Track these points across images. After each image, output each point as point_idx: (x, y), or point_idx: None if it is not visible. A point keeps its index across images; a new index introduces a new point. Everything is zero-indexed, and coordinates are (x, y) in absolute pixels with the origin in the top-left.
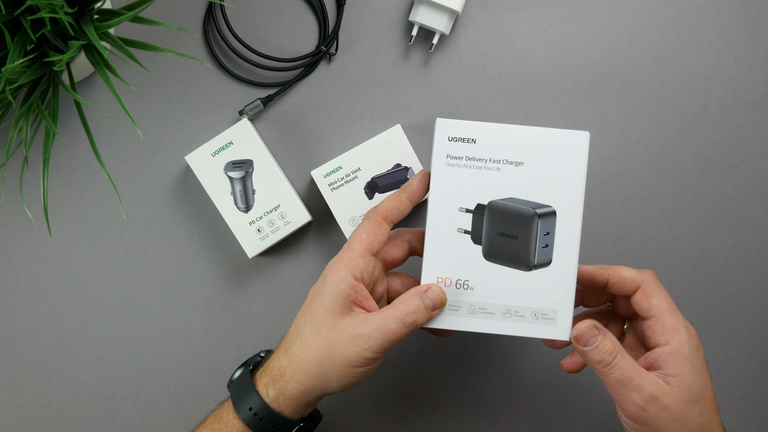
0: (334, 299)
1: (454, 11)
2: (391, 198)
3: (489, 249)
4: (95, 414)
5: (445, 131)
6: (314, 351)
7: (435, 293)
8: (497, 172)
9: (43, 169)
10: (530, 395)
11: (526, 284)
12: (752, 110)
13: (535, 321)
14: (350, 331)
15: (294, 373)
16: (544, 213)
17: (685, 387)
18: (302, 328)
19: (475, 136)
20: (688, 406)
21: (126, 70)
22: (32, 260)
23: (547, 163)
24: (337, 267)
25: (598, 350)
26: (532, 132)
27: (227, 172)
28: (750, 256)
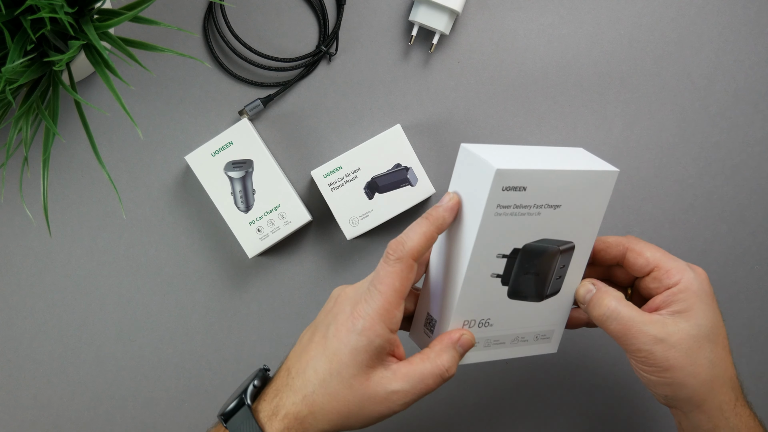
0: (368, 355)
1: (454, 11)
2: (420, 234)
3: (514, 288)
4: (95, 414)
5: (501, 181)
6: (343, 405)
7: (467, 341)
8: (537, 216)
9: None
10: (530, 395)
11: (534, 313)
12: (752, 110)
13: (535, 342)
14: (385, 387)
15: (316, 423)
16: (565, 249)
17: (694, 323)
18: (328, 378)
19: (527, 184)
20: (698, 342)
21: (126, 70)
22: (32, 260)
23: (579, 202)
24: (371, 318)
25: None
26: (573, 175)
27: (227, 172)
28: (750, 256)
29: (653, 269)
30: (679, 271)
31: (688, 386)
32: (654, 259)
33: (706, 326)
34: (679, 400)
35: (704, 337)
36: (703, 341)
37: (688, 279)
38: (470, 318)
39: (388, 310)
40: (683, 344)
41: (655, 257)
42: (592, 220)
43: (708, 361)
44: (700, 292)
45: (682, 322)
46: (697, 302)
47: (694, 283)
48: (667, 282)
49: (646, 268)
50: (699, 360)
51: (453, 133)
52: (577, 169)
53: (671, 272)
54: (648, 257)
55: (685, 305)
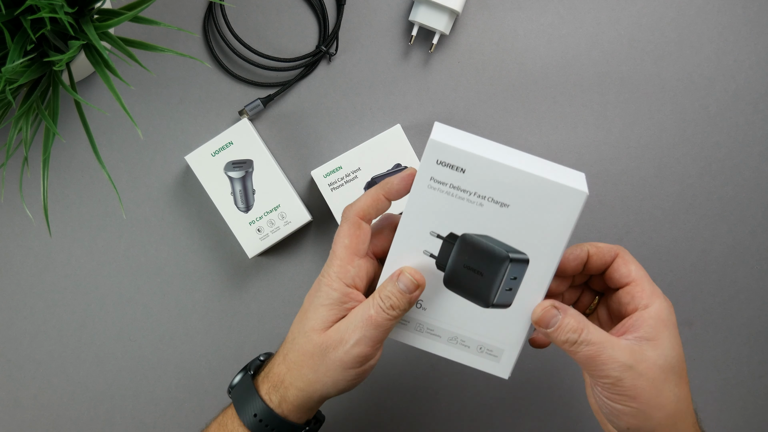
0: (327, 308)
1: (454, 11)
2: (368, 195)
3: (451, 277)
4: (95, 414)
5: (434, 153)
6: (308, 357)
7: (406, 278)
8: (479, 207)
9: (43, 169)
10: (530, 395)
11: (478, 318)
12: (752, 110)
13: (479, 354)
14: (337, 329)
15: (292, 379)
16: (516, 258)
17: (662, 353)
18: (297, 335)
19: (466, 166)
20: (664, 374)
21: (126, 70)
22: (32, 260)
23: (535, 212)
24: (329, 276)
25: (561, 330)
26: (528, 177)
27: (227, 172)
28: (750, 256)
29: (631, 282)
30: (653, 294)
31: (653, 418)
32: (636, 274)
33: (672, 357)
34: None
35: (670, 369)
36: (669, 373)
37: (660, 306)
38: None
39: (341, 266)
40: (651, 373)
41: (638, 273)
42: (553, 238)
43: (673, 394)
44: (668, 322)
45: (649, 350)
46: (664, 331)
47: (664, 311)
48: (640, 300)
49: (627, 278)
50: (665, 392)
51: None
52: (527, 171)
53: (645, 293)
54: (632, 269)
55: (654, 333)
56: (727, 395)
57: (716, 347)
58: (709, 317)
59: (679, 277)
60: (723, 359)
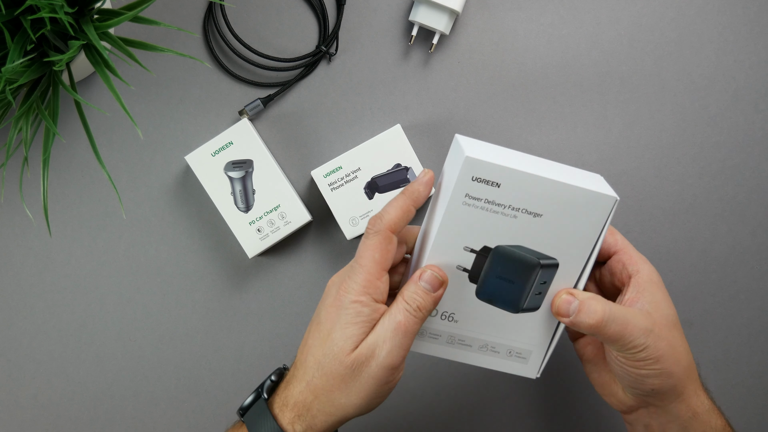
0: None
1: (454, 11)
2: (396, 207)
3: (483, 289)
4: (95, 414)
5: (470, 170)
6: (339, 381)
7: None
8: (513, 219)
9: (43, 169)
10: (530, 395)
11: (507, 324)
12: (752, 110)
13: (507, 358)
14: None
15: (321, 406)
16: (546, 264)
17: (663, 313)
18: (323, 359)
19: (501, 180)
20: (671, 331)
21: (126, 70)
22: (32, 260)
23: (567, 219)
24: (355, 291)
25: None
26: (561, 187)
27: (227, 172)
28: (750, 256)
29: (618, 251)
30: (640, 260)
31: (674, 374)
32: (621, 243)
33: (672, 315)
34: (664, 391)
35: (674, 325)
36: (674, 329)
37: (649, 269)
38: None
39: (371, 281)
40: (664, 332)
41: (623, 242)
42: (583, 243)
43: (683, 348)
44: (659, 282)
45: (654, 313)
46: (658, 293)
47: (654, 274)
48: (630, 267)
49: (613, 248)
50: (677, 347)
51: (453, 133)
52: (562, 182)
53: (633, 259)
54: (617, 240)
55: (651, 297)
56: (727, 395)
57: (716, 347)
58: (709, 317)
59: (679, 277)
60: (723, 359)
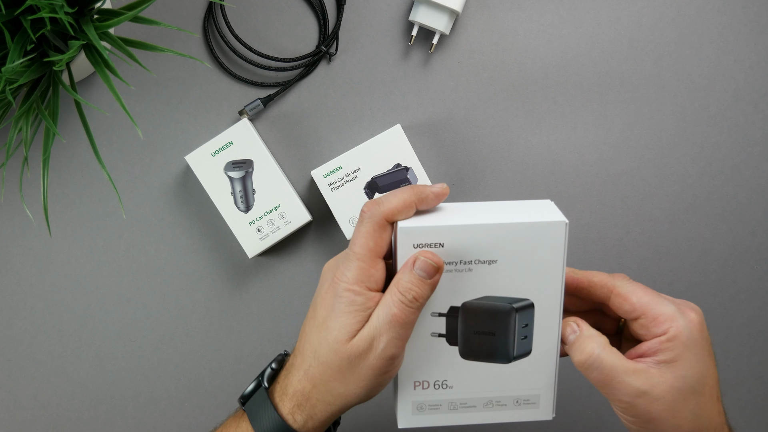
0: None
1: (454, 11)
2: (399, 198)
3: (466, 348)
4: (95, 414)
5: (408, 239)
6: (335, 371)
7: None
8: (469, 272)
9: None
10: None
11: (506, 375)
12: (752, 110)
13: (517, 407)
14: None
15: (320, 395)
16: (521, 307)
17: (680, 375)
18: (318, 348)
19: (441, 240)
20: (682, 395)
21: (126, 70)
22: (32, 260)
23: (523, 257)
24: (348, 279)
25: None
26: (503, 228)
27: (227, 172)
28: (750, 256)
29: (640, 316)
30: (668, 318)
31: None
32: (641, 305)
33: (692, 377)
34: None
35: (689, 390)
36: (688, 394)
37: (677, 328)
38: (421, 379)
39: (364, 269)
40: (667, 397)
41: (641, 303)
42: (549, 275)
43: (692, 413)
44: (689, 341)
45: (667, 373)
46: (685, 352)
47: (684, 332)
48: (654, 331)
49: (632, 314)
50: (683, 413)
51: (453, 133)
52: (502, 222)
53: (659, 320)
54: (634, 303)
55: (672, 355)
56: (727, 395)
57: (716, 347)
58: (709, 317)
59: (679, 277)
60: (723, 359)
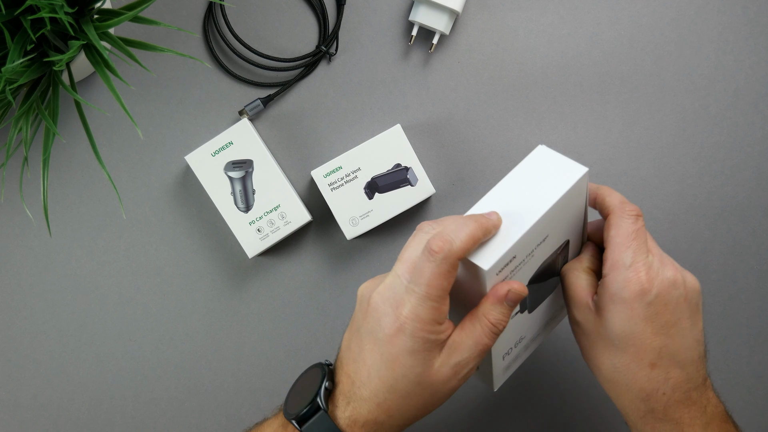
0: (427, 351)
1: (454, 11)
2: (469, 236)
3: (532, 305)
4: (95, 414)
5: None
6: (417, 401)
7: (515, 294)
8: (532, 257)
9: (43, 169)
10: (530, 395)
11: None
12: (752, 110)
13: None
14: (448, 365)
15: (394, 422)
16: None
17: (603, 323)
18: (396, 384)
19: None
20: (602, 342)
21: (126, 70)
22: (32, 260)
23: (562, 220)
24: (421, 321)
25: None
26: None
27: (227, 172)
28: (750, 256)
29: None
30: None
31: (597, 376)
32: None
33: (614, 332)
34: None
35: (608, 341)
36: (607, 344)
37: (612, 278)
38: (506, 349)
39: (436, 309)
40: (591, 336)
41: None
42: (577, 219)
43: (611, 364)
44: (616, 297)
45: (596, 317)
46: (610, 305)
47: (614, 284)
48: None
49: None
50: (601, 358)
51: (453, 133)
52: (551, 204)
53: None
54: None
55: (601, 303)
56: (727, 395)
57: (716, 347)
58: (709, 317)
59: None
60: (723, 359)
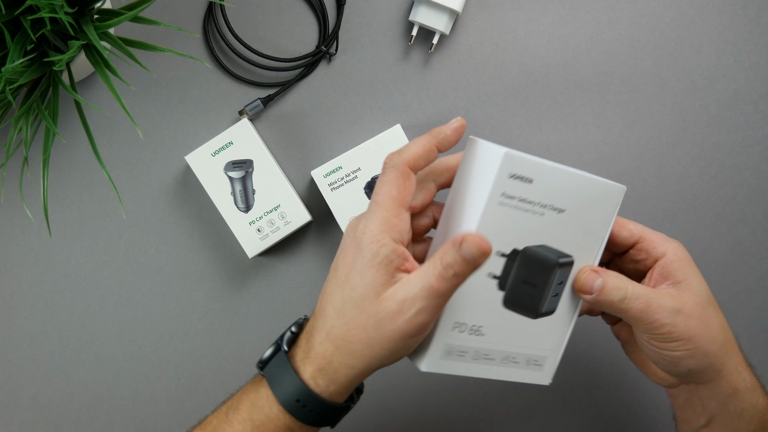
0: (375, 270)
1: (454, 11)
2: (418, 144)
3: (510, 295)
4: (95, 414)
5: (509, 166)
6: (360, 330)
7: (470, 245)
8: (540, 217)
9: (43, 169)
10: (530, 395)
11: (527, 331)
12: (752, 110)
13: (526, 367)
14: (395, 299)
15: (343, 359)
16: (564, 263)
17: (696, 290)
18: (342, 307)
19: (534, 176)
20: (705, 309)
21: (126, 70)
22: (32, 260)
23: (585, 212)
24: (371, 231)
25: (607, 291)
26: (580, 179)
27: (227, 172)
28: (750, 256)
29: (638, 240)
30: (664, 242)
31: (710, 353)
32: (638, 230)
33: (705, 292)
34: (701, 371)
35: (707, 302)
36: (708, 306)
37: (674, 249)
38: (462, 321)
39: (388, 219)
40: (696, 312)
41: (638, 229)
42: (596, 237)
43: (719, 325)
44: (688, 260)
45: (686, 291)
46: (690, 270)
47: (680, 252)
48: (654, 253)
49: (631, 239)
50: (712, 325)
51: None
52: (584, 174)
53: (656, 243)
54: (632, 229)
55: (682, 274)
56: None
57: None
58: None
59: None
60: None
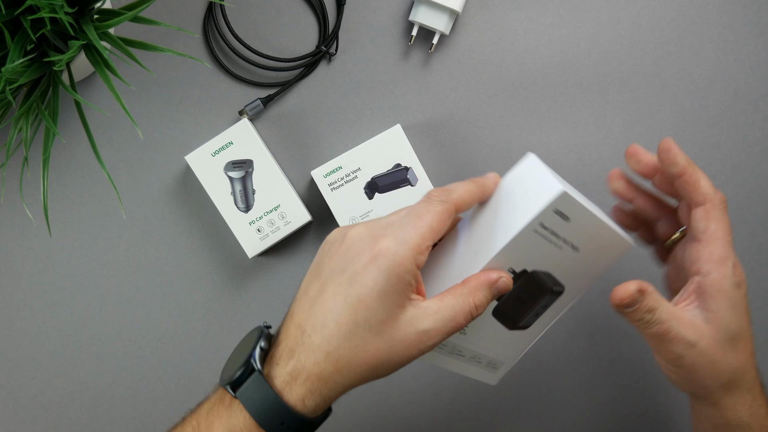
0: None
1: (454, 11)
2: (466, 189)
3: (501, 307)
4: (95, 414)
5: (558, 203)
6: (372, 355)
7: (504, 284)
8: (559, 250)
9: (43, 169)
10: (530, 395)
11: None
12: (752, 110)
13: (485, 368)
14: (416, 327)
15: (341, 380)
16: (556, 291)
17: (722, 326)
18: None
19: (573, 216)
20: (722, 348)
21: (126, 70)
22: (32, 260)
23: (594, 256)
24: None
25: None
26: (604, 228)
27: (227, 172)
28: (750, 256)
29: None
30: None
31: (708, 388)
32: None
33: (732, 331)
34: (694, 395)
35: (729, 341)
36: (726, 345)
37: (721, 275)
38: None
39: (420, 246)
40: (711, 349)
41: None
42: (590, 276)
43: (729, 366)
44: (730, 292)
45: (711, 323)
46: (726, 303)
47: (726, 281)
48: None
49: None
50: (722, 366)
51: (453, 133)
52: (608, 223)
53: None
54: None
55: (715, 305)
56: None
57: None
58: None
59: None
60: None
